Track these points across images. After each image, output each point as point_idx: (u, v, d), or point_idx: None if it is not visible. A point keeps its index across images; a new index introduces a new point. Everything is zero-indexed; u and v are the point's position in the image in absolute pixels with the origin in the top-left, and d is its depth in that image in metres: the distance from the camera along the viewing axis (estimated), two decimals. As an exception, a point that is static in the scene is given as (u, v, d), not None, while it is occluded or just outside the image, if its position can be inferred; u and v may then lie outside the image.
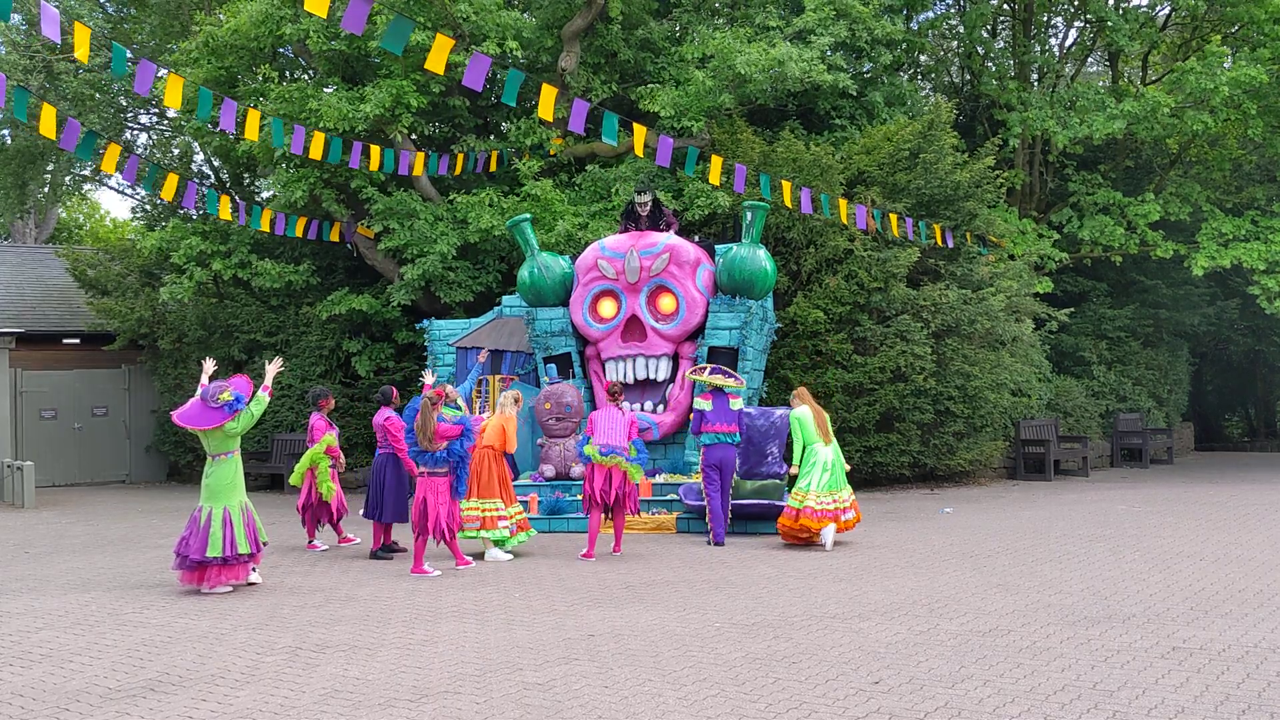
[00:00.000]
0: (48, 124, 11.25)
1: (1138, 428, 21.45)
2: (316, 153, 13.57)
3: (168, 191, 13.92)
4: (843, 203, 14.72)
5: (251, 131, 12.98)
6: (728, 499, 11.26)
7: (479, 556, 10.55)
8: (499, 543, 10.52)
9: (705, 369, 11.58)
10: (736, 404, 11.27)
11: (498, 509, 10.50)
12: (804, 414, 11.09)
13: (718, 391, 11.23)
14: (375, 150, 14.58)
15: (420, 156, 15.44)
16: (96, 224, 36.50)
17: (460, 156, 16.40)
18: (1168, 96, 18.39)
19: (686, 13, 18.67)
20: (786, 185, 14.55)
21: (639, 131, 13.12)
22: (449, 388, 11.52)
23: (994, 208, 18.24)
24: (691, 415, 11.82)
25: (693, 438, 12.92)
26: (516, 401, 10.91)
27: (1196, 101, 18.77)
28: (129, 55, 11.83)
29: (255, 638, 7.32)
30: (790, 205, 15.15)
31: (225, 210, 15.12)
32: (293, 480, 11.61)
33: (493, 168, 16.88)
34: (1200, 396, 29.27)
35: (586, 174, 17.26)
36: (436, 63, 10.32)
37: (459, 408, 11.60)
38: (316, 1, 9.45)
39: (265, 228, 15.99)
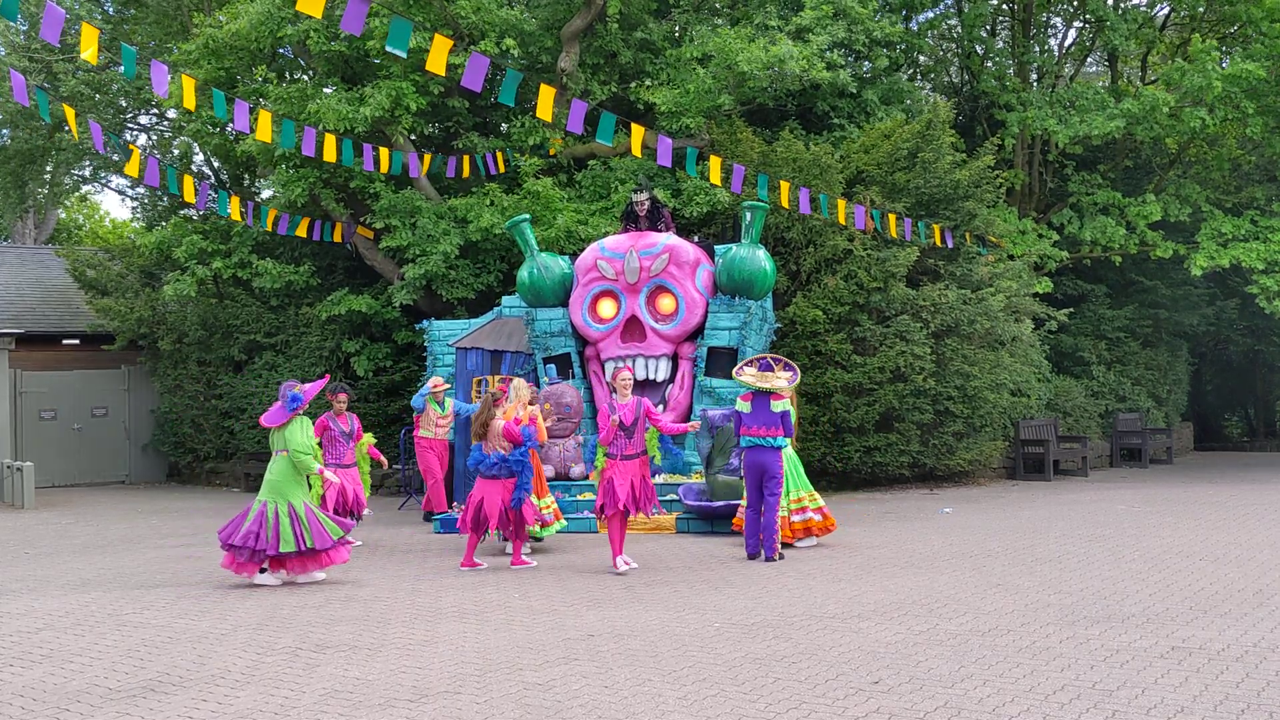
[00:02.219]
0: (72, 125, 11.32)
1: (1137, 428, 21.45)
2: (330, 155, 13.57)
3: (187, 194, 13.99)
4: (841, 203, 14.71)
5: (263, 133, 12.98)
6: (776, 507, 10.42)
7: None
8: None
9: (754, 363, 10.83)
10: (779, 405, 10.43)
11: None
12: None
13: (759, 391, 10.49)
14: (384, 153, 14.57)
15: (428, 159, 15.43)
16: (96, 224, 36.49)
17: (467, 159, 16.38)
18: (1166, 95, 18.39)
19: (685, 13, 18.66)
20: (785, 185, 14.54)
21: (637, 132, 13.11)
22: (441, 382, 11.62)
23: (993, 208, 18.24)
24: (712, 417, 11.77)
25: (693, 439, 12.92)
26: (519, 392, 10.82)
27: (1194, 100, 18.77)
28: (136, 57, 11.85)
29: (255, 638, 7.33)
30: (788, 206, 15.14)
31: (236, 211, 15.13)
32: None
33: (501, 169, 16.86)
34: (1200, 396, 29.25)
35: (587, 171, 17.24)
36: (436, 63, 10.33)
37: (441, 406, 11.71)
38: (310, 2, 9.45)
39: (270, 228, 16.02)
